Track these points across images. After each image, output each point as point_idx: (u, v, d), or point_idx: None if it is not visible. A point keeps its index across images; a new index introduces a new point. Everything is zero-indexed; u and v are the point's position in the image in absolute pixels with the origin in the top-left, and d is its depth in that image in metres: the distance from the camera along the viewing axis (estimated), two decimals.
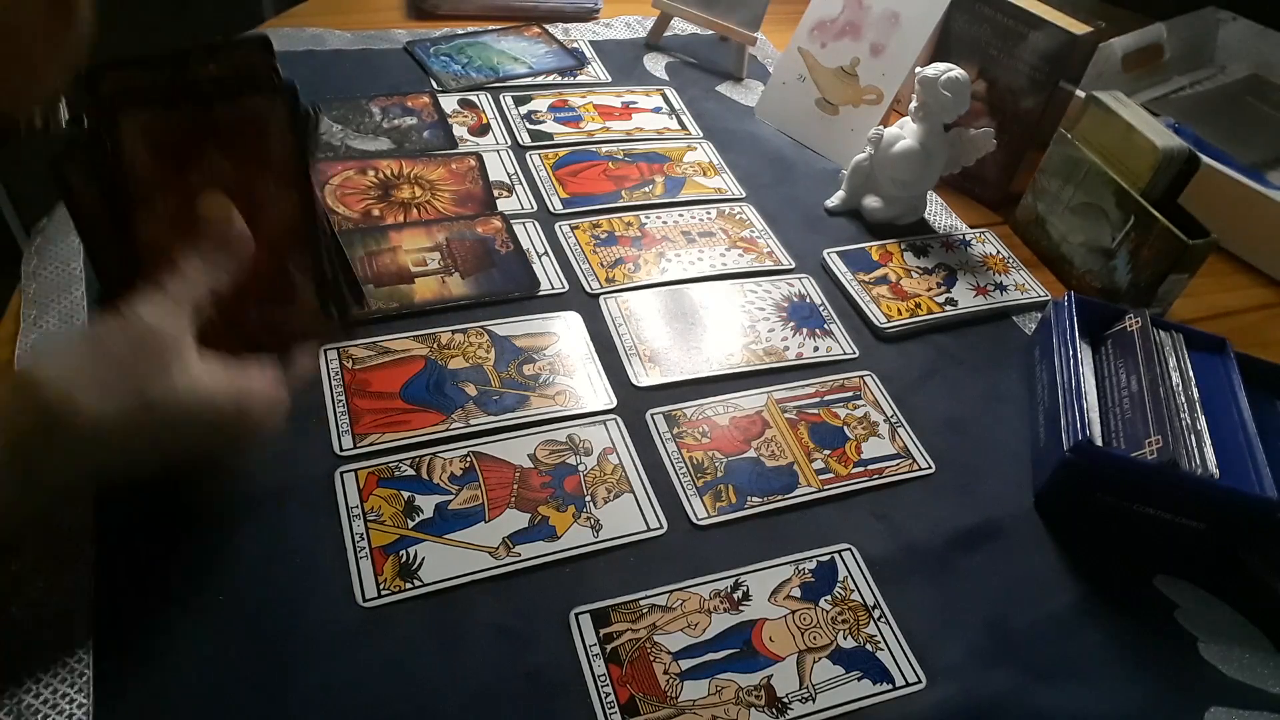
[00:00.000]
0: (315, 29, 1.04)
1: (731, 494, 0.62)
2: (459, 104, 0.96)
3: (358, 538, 0.55)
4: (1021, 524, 0.64)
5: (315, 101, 0.90)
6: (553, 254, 0.79)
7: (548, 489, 0.60)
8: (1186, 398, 0.65)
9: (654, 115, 0.99)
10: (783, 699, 0.51)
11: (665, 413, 0.67)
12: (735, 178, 0.92)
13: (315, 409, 0.62)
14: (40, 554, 0.51)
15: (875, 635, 0.55)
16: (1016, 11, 0.88)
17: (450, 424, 0.63)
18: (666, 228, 0.84)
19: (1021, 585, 0.60)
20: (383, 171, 0.84)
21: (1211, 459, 0.61)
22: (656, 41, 1.13)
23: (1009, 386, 0.74)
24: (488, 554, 0.56)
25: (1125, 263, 0.80)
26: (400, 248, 0.76)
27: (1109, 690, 0.55)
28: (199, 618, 0.50)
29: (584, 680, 0.51)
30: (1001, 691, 0.53)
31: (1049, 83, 0.88)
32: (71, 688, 0.46)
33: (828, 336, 0.76)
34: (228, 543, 0.54)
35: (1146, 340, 0.68)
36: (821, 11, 0.97)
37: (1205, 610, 0.60)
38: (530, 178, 0.87)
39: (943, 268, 0.84)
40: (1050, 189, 0.88)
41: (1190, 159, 0.77)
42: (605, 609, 0.54)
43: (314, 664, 0.49)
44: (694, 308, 0.76)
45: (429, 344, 0.68)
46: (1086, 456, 0.61)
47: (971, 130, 0.86)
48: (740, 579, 0.57)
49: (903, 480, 0.65)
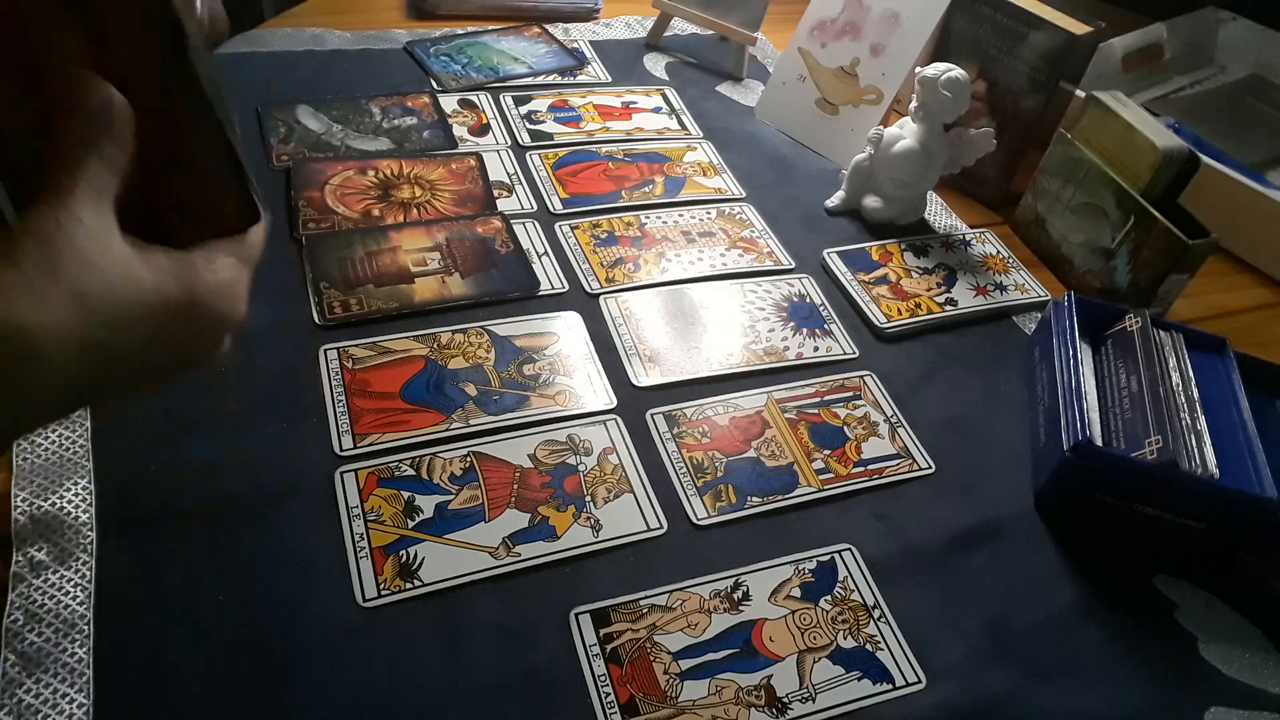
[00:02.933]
0: (315, 29, 1.04)
1: (731, 494, 0.62)
2: (459, 104, 0.96)
3: (358, 538, 0.55)
4: (1021, 524, 0.64)
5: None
6: (553, 254, 0.79)
7: (548, 489, 0.60)
8: (1186, 398, 0.65)
9: (654, 115, 0.99)
10: (783, 699, 0.51)
11: (665, 413, 0.67)
12: (735, 178, 0.92)
13: (315, 409, 0.62)
14: (41, 552, 0.51)
15: (875, 635, 0.55)
16: (1016, 11, 0.88)
17: (450, 424, 0.63)
18: (666, 228, 0.84)
19: (1021, 585, 0.60)
20: (383, 171, 0.84)
21: (1211, 459, 0.61)
22: (656, 41, 1.13)
23: (1009, 386, 0.74)
24: (488, 554, 0.56)
25: (1125, 263, 0.80)
26: (400, 248, 0.76)
27: (1109, 690, 0.55)
28: (199, 618, 0.50)
29: (584, 680, 0.51)
30: (1001, 691, 0.53)
31: (1049, 83, 0.88)
32: (71, 688, 0.46)
33: (828, 336, 0.76)
34: (228, 543, 0.54)
35: (1146, 340, 0.68)
36: (821, 11, 0.97)
37: (1205, 610, 0.60)
38: (530, 178, 0.87)
39: (943, 268, 0.84)
40: (1050, 189, 0.88)
41: (1190, 159, 0.77)
42: (605, 609, 0.54)
43: (314, 664, 0.49)
44: (694, 308, 0.76)
45: (429, 344, 0.68)
46: (1086, 456, 0.61)
47: (971, 130, 0.86)
48: (740, 579, 0.57)
49: (903, 480, 0.65)
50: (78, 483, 0.55)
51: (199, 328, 0.42)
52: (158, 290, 0.40)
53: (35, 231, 0.37)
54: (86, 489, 0.55)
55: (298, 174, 0.82)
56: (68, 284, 0.37)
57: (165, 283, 0.40)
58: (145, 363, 0.41)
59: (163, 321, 0.40)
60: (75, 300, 0.37)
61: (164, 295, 0.40)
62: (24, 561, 0.51)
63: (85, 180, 0.39)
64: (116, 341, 0.39)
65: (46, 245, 0.37)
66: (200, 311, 0.41)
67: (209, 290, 0.42)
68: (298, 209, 0.78)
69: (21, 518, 0.53)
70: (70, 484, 0.55)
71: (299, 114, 0.89)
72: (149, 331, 0.40)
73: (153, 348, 0.41)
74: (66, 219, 0.38)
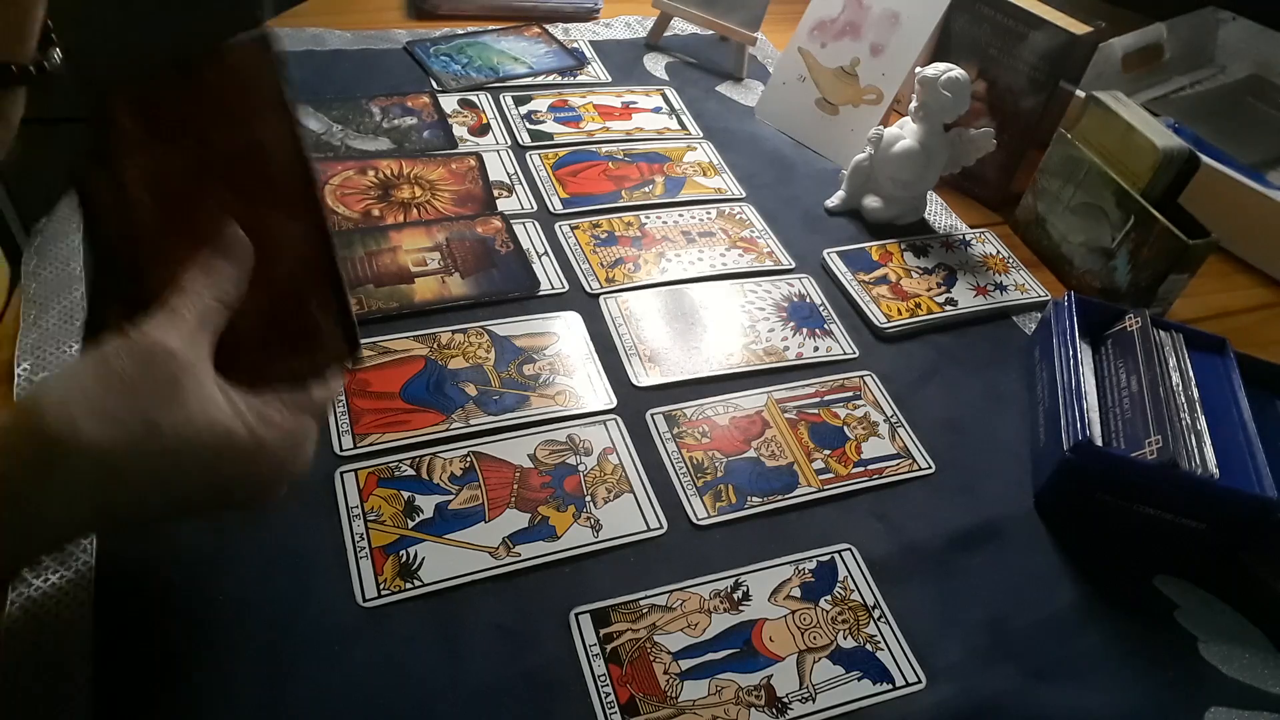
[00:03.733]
0: (315, 29, 1.04)
1: (731, 494, 0.62)
2: (459, 104, 0.96)
3: (358, 538, 0.55)
4: (1021, 524, 0.64)
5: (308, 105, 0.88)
6: (553, 254, 0.79)
7: (548, 489, 0.60)
8: (1186, 398, 0.65)
9: (654, 115, 0.99)
10: (783, 699, 0.51)
11: (665, 413, 0.67)
12: (735, 178, 0.92)
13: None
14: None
15: (875, 635, 0.55)
16: (1016, 11, 0.88)
17: (450, 424, 0.63)
18: (666, 228, 0.84)
19: (1021, 585, 0.60)
20: (383, 171, 0.84)
21: (1211, 459, 0.61)
22: (656, 41, 1.13)
23: (1009, 386, 0.74)
24: (488, 554, 0.56)
25: (1125, 263, 0.80)
26: (400, 248, 0.76)
27: (1109, 690, 0.55)
28: (199, 618, 0.50)
29: (584, 680, 0.51)
30: (1001, 691, 0.53)
31: (1049, 83, 0.88)
32: (72, 687, 0.46)
33: (828, 336, 0.76)
34: (228, 542, 0.54)
35: (1146, 340, 0.68)
36: (821, 11, 0.97)
37: (1205, 610, 0.60)
38: (530, 178, 0.87)
39: (943, 268, 0.84)
40: (1050, 189, 0.88)
41: (1190, 159, 0.77)
42: (605, 609, 0.54)
43: (314, 664, 0.49)
44: (694, 308, 0.76)
45: (429, 344, 0.68)
46: (1086, 456, 0.61)
47: (971, 130, 0.86)
48: (740, 579, 0.57)
49: (903, 480, 0.65)
50: None
51: (258, 474, 0.43)
52: (229, 433, 0.40)
53: (135, 351, 0.38)
54: None
55: None
56: (146, 412, 0.37)
57: (237, 428, 0.40)
58: (197, 499, 0.42)
59: (224, 463, 0.40)
60: (146, 428, 0.37)
61: (233, 440, 0.40)
62: None
63: (194, 311, 0.40)
64: (174, 477, 0.39)
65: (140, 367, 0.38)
66: (263, 459, 0.42)
67: (276, 440, 0.42)
68: None
69: None
70: None
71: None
72: (207, 471, 0.40)
73: (206, 486, 0.41)
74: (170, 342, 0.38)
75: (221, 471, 0.41)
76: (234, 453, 0.40)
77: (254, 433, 0.41)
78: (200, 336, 0.40)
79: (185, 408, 0.38)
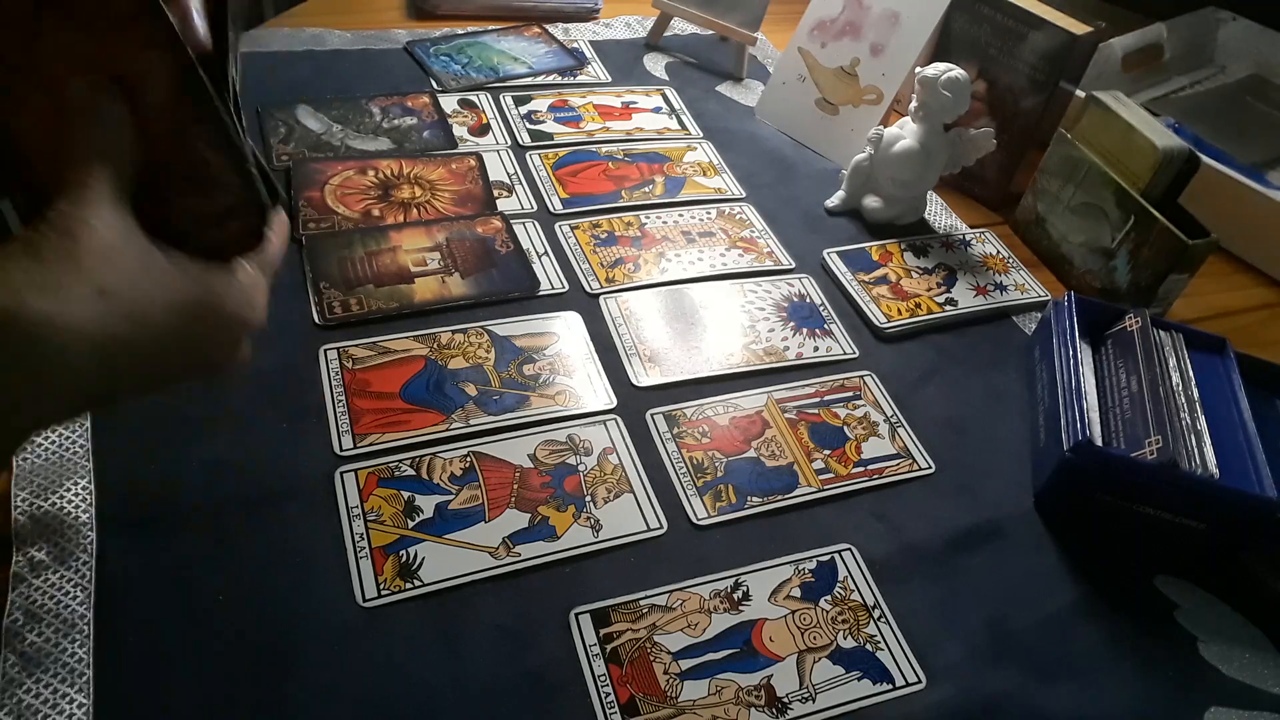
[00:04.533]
0: (315, 29, 1.04)
1: (731, 494, 0.62)
2: (459, 104, 0.96)
3: (358, 538, 0.55)
4: (1021, 524, 0.64)
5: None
6: (553, 254, 0.79)
7: (548, 489, 0.60)
8: (1186, 398, 0.65)
9: (654, 115, 0.99)
10: (783, 699, 0.51)
11: (665, 413, 0.67)
12: (735, 178, 0.92)
13: (315, 409, 0.62)
14: (41, 552, 0.51)
15: (875, 635, 0.55)
16: (1016, 11, 0.88)
17: (450, 424, 0.63)
18: (666, 228, 0.84)
19: (1021, 585, 0.60)
20: (383, 171, 0.84)
21: (1211, 459, 0.61)
22: (656, 41, 1.13)
23: (1009, 386, 0.74)
24: (488, 554, 0.56)
25: (1125, 263, 0.80)
26: (400, 248, 0.76)
27: (1109, 690, 0.55)
28: (199, 618, 0.50)
29: (584, 680, 0.51)
30: (1001, 691, 0.54)
31: (1049, 83, 0.88)
32: (71, 688, 0.46)
33: (828, 336, 0.76)
34: (228, 543, 0.54)
35: (1146, 340, 0.68)
36: (821, 11, 0.97)
37: (1205, 610, 0.60)
38: (530, 178, 0.87)
39: (943, 268, 0.84)
40: (1050, 189, 0.88)
41: (1190, 159, 0.77)
42: (605, 609, 0.54)
43: (314, 664, 0.49)
44: (694, 308, 0.76)
45: (429, 344, 0.68)
46: (1086, 456, 0.61)
47: (971, 130, 0.86)
48: (740, 579, 0.57)
49: (903, 480, 0.65)
50: (78, 483, 0.55)
51: (218, 328, 0.41)
52: (180, 288, 0.39)
53: (58, 225, 0.36)
54: (86, 489, 0.55)
55: (298, 174, 0.82)
56: (91, 278, 0.36)
57: (187, 282, 0.39)
58: (163, 362, 0.41)
59: (183, 320, 0.39)
60: (98, 295, 0.36)
61: (186, 294, 0.39)
62: (24, 561, 0.51)
63: (103, 181, 0.38)
64: (137, 338, 0.38)
65: (69, 239, 0.36)
66: (220, 312, 0.41)
67: (229, 292, 0.41)
68: (298, 209, 0.78)
69: (22, 518, 0.53)
70: (70, 484, 0.55)
71: (299, 114, 0.89)
72: (169, 330, 0.39)
73: (172, 347, 0.40)
74: (89, 215, 0.37)
75: (184, 326, 0.39)
76: (190, 307, 0.39)
77: (206, 286, 0.40)
78: (119, 204, 0.38)
79: (126, 270, 0.37)
